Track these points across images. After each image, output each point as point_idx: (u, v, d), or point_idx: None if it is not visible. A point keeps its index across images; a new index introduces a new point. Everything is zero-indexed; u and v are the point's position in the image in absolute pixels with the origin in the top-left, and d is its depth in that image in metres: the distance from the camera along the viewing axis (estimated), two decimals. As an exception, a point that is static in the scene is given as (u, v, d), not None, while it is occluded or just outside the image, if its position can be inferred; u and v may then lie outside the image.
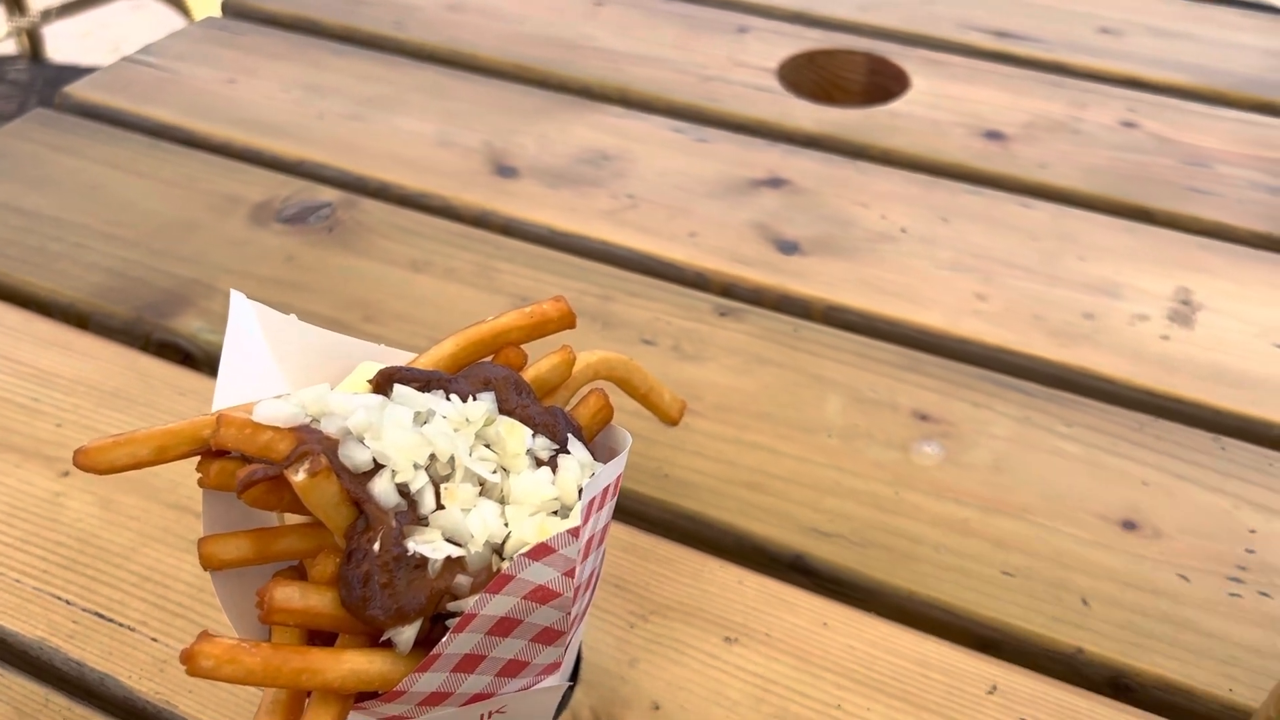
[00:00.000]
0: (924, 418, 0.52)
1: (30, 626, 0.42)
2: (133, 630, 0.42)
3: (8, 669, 0.41)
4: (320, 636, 0.33)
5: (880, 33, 0.84)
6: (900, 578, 0.45)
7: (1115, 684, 0.42)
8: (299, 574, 0.34)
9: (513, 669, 0.32)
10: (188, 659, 0.28)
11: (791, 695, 0.40)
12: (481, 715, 0.34)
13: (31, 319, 0.56)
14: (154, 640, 0.42)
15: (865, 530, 0.47)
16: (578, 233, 0.63)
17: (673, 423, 0.43)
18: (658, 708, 0.40)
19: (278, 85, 0.76)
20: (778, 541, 0.46)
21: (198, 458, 0.33)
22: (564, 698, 0.40)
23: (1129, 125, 0.73)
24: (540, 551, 0.29)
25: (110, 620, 0.43)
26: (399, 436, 0.31)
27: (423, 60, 0.79)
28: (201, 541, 0.33)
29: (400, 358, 0.38)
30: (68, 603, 0.43)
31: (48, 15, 1.90)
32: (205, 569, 0.33)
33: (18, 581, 0.44)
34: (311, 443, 0.31)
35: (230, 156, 0.69)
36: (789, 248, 0.62)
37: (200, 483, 0.33)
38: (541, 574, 0.30)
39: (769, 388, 0.53)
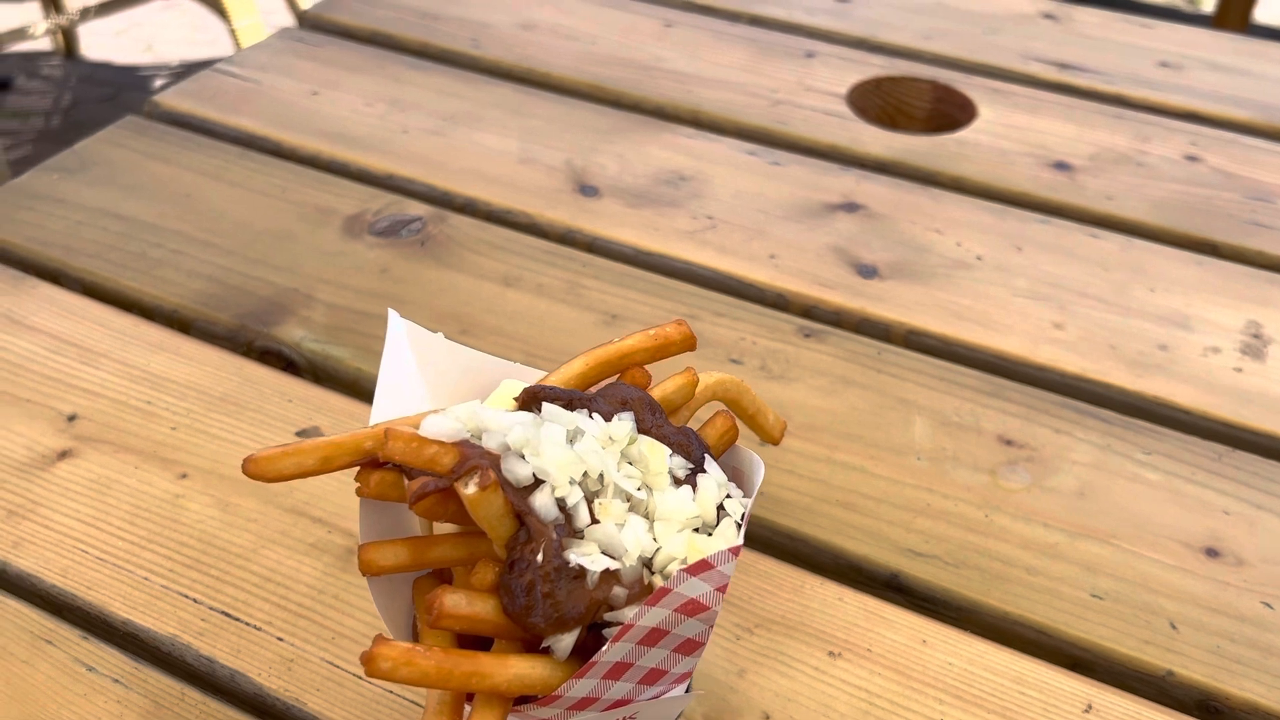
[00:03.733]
0: (1008, 443, 0.53)
1: (162, 623, 0.44)
2: (259, 630, 0.44)
3: (143, 664, 0.43)
4: (465, 640, 0.34)
5: (942, 61, 0.85)
6: (994, 598, 0.46)
7: (1205, 706, 0.44)
8: (442, 579, 0.36)
9: (652, 677, 0.34)
10: (368, 660, 0.30)
11: (896, 709, 0.42)
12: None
13: (138, 323, 0.58)
14: (280, 640, 0.44)
15: (959, 551, 0.48)
16: (661, 252, 0.65)
17: (775, 442, 0.45)
18: (769, 718, 0.41)
19: (360, 98, 0.77)
20: (874, 560, 0.48)
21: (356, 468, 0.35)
22: (679, 705, 0.41)
23: (1192, 159, 0.75)
24: (700, 567, 0.31)
25: (237, 619, 0.44)
26: (557, 453, 0.33)
27: (498, 78, 0.81)
28: (362, 548, 0.34)
29: (532, 375, 0.40)
30: (195, 601, 0.45)
31: (86, 13, 1.93)
32: (364, 574, 0.35)
33: (146, 579, 0.46)
34: (477, 458, 0.33)
35: (318, 168, 0.71)
36: (868, 271, 0.64)
37: (359, 492, 0.35)
38: (697, 588, 0.32)
39: (856, 409, 0.55)
